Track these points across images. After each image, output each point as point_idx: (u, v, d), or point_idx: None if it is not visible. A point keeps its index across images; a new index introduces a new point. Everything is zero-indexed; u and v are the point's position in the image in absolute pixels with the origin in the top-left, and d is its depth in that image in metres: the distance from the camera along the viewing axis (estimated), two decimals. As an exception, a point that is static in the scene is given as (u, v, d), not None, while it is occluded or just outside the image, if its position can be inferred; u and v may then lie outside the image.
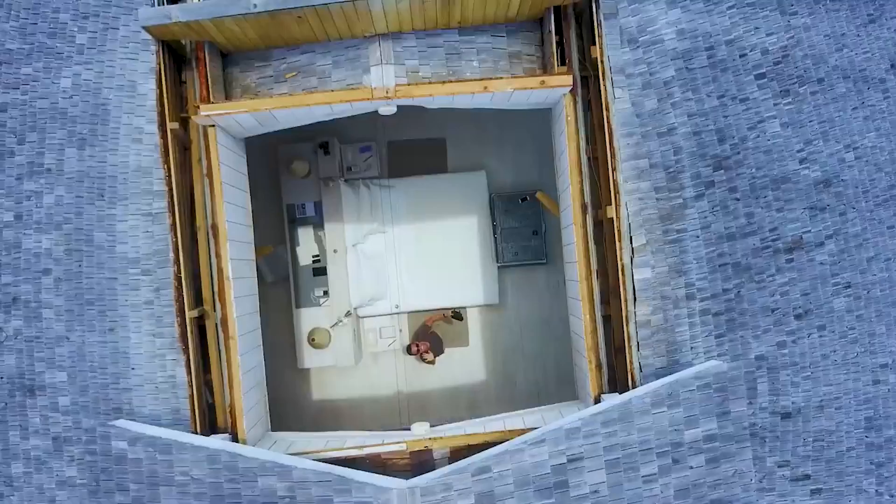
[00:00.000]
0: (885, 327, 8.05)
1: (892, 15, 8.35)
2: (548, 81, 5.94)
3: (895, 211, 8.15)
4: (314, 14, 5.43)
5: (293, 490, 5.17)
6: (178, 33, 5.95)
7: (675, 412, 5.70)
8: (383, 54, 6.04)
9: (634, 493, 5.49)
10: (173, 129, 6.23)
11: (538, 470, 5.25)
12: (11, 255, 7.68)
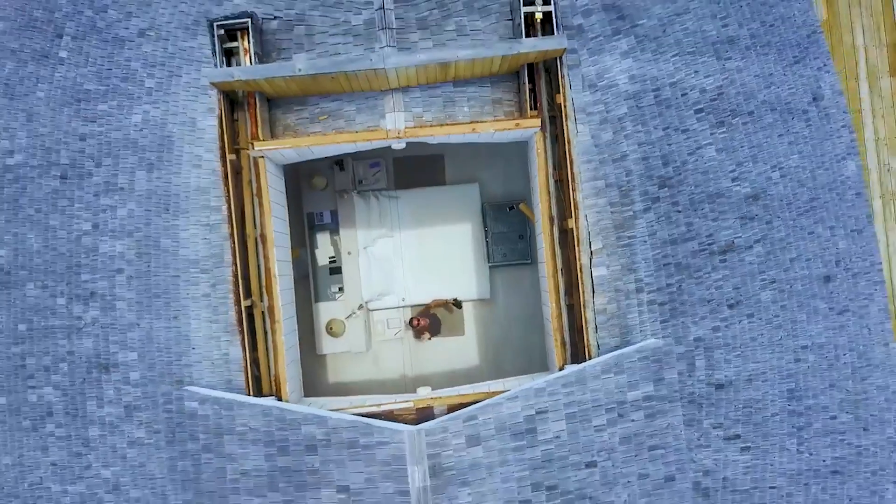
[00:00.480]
0: (805, 316, 9.88)
1: (814, 56, 10.19)
2: (521, 124, 7.77)
3: (815, 219, 9.99)
4: (344, 76, 7.24)
5: (328, 435, 6.96)
6: (236, 86, 7.75)
7: (620, 377, 7.50)
8: (395, 104, 7.87)
9: (588, 438, 7.29)
10: (231, 159, 8.05)
11: (513, 419, 7.05)
12: (90, 257, 9.53)
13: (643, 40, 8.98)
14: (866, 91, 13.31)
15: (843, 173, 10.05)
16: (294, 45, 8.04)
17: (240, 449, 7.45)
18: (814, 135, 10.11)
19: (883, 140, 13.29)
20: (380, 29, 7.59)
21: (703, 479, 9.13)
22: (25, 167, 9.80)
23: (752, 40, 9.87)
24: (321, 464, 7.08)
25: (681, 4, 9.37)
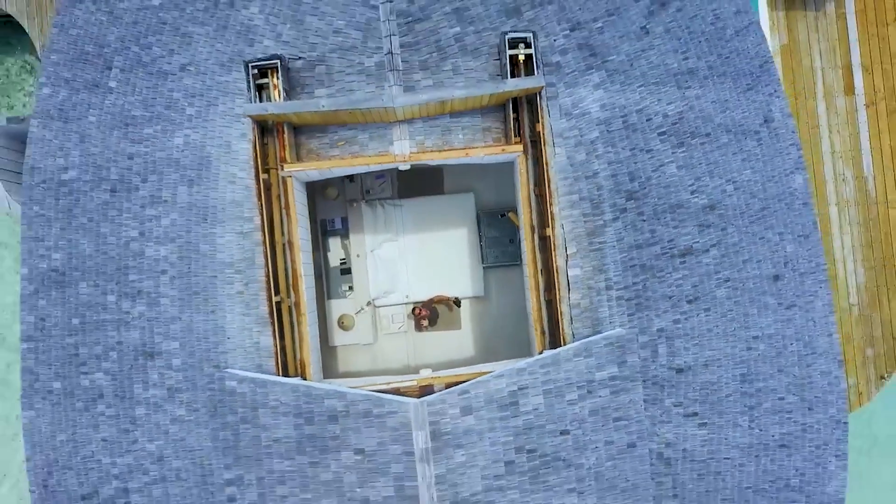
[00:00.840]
0: (756, 310, 11.48)
1: (765, 83, 11.78)
2: (507, 149, 9.36)
3: (765, 226, 11.60)
4: (359, 111, 8.83)
5: (347, 407, 8.53)
6: (268, 118, 9.33)
7: (589, 360, 9.08)
8: (401, 133, 9.46)
9: (562, 411, 8.86)
10: (263, 178, 9.65)
11: (499, 394, 8.61)
12: (137, 260, 11.14)
13: (613, 74, 10.60)
14: (823, 109, 14.90)
15: (791, 186, 11.66)
16: (315, 82, 9.64)
17: (272, 420, 9.04)
18: (765, 152, 11.72)
19: (838, 153, 14.89)
20: (388, 70, 9.23)
21: (665, 450, 10.75)
22: (79, 182, 11.40)
23: (710, 71, 11.48)
24: (341, 431, 8.66)
25: (646, 41, 10.99)
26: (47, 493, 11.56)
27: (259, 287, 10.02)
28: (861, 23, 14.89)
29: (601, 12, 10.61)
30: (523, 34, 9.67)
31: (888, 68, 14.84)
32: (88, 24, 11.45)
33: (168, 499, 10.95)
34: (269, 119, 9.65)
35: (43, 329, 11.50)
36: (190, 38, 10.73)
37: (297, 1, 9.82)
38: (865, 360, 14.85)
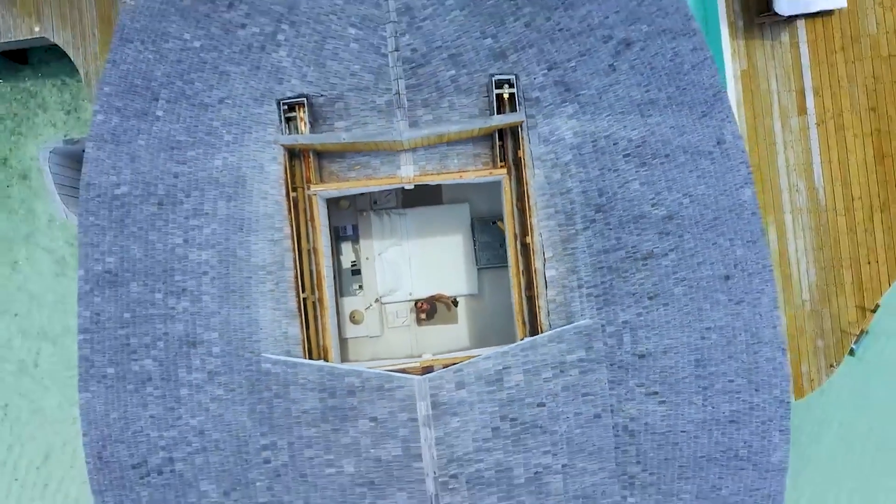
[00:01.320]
0: (709, 305, 13.62)
1: (718, 111, 13.90)
2: (493, 172, 11.49)
3: (717, 233, 13.73)
4: (372, 142, 10.96)
5: (363, 383, 10.64)
6: (296, 146, 11.45)
7: (561, 345, 11.20)
8: (407, 159, 11.61)
9: (538, 386, 10.97)
10: (293, 196, 11.79)
11: (487, 372, 10.70)
12: (181, 263, 13.28)
13: (584, 105, 12.76)
14: (779, 127, 17.05)
15: (741, 198, 13.82)
16: (335, 116, 11.77)
17: (301, 395, 11.15)
18: (717, 170, 13.88)
19: (792, 166, 17.04)
20: (396, 107, 11.39)
21: (630, 423, 12.91)
22: (130, 196, 13.56)
23: (669, 100, 13.63)
24: (358, 402, 10.76)
25: (613, 77, 13.15)
26: (101, 464, 13.70)
27: (288, 286, 12.18)
28: (812, 51, 17.04)
29: (574, 53, 12.78)
30: (507, 76, 11.84)
31: (836, 91, 16.99)
32: (138, 61, 13.61)
33: (208, 466, 13.13)
34: (297, 147, 11.79)
35: (97, 322, 13.64)
36: (227, 76, 12.90)
37: (319, 47, 11.99)
38: (816, 350, 17.00)
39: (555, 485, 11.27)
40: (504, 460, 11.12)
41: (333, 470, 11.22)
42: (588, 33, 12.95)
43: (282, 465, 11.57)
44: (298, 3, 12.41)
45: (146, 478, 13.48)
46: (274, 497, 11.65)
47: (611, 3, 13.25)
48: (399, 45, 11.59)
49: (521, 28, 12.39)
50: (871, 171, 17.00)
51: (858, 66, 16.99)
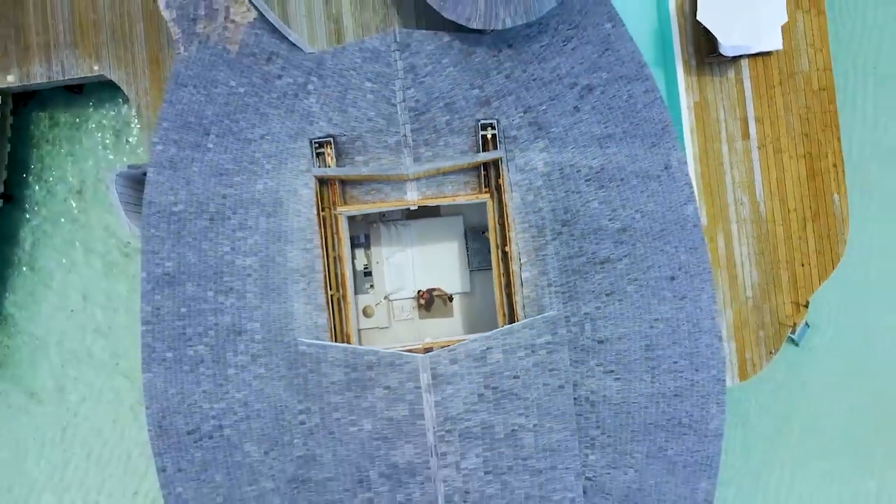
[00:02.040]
0: (657, 301, 17.25)
1: (666, 141, 17.51)
2: (479, 196, 15.09)
3: (664, 242, 17.33)
4: (385, 174, 14.60)
5: (379, 360, 14.24)
6: (325, 177, 15.04)
7: (532, 331, 14.84)
8: (412, 186, 15.23)
9: (514, 363, 14.61)
10: (324, 215, 15.42)
11: (474, 351, 14.35)
12: (229, 267, 16.90)
13: (553, 140, 16.40)
14: (726, 150, 20.64)
15: (684, 213, 17.43)
16: (355, 152, 15.35)
17: (329, 370, 14.75)
18: (664, 190, 17.50)
19: (737, 183, 20.62)
20: (404, 146, 15.00)
21: (591, 395, 16.52)
22: (185, 213, 17.17)
23: (624, 134, 17.24)
24: (374, 375, 14.33)
25: (577, 116, 16.76)
26: (161, 431, 17.29)
27: (318, 285, 15.80)
28: (754, 85, 20.64)
29: (545, 98, 16.41)
30: (490, 120, 15.48)
31: (774, 119, 20.59)
32: (191, 102, 17.24)
33: (251, 431, 16.74)
34: (326, 177, 15.39)
35: (158, 315, 17.24)
36: (267, 117, 16.54)
37: (341, 97, 15.62)
38: (758, 340, 20.59)
39: (527, 440, 14.89)
40: (487, 419, 14.73)
41: (355, 428, 14.85)
42: (557, 81, 16.58)
43: (314, 426, 15.18)
44: (325, 60, 16.06)
45: (199, 441, 17.07)
46: (308, 451, 15.28)
47: (576, 55, 16.89)
48: (405, 97, 15.22)
49: (503, 80, 16.04)
50: (804, 187, 20.62)
51: (793, 98, 20.61)
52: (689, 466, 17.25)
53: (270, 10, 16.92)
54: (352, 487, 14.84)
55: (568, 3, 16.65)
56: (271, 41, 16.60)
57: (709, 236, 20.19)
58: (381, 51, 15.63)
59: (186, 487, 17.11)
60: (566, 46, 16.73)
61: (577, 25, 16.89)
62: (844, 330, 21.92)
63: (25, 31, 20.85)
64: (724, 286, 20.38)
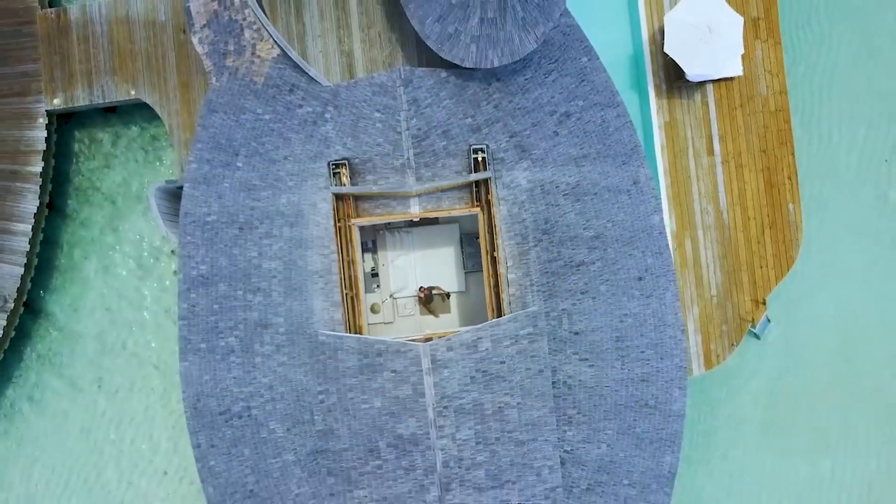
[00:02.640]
0: (626, 298, 20.46)
1: (635, 160, 20.68)
2: (471, 209, 18.29)
3: (633, 248, 20.51)
4: (392, 192, 17.86)
5: (387, 348, 17.43)
6: (341, 193, 18.30)
7: (516, 324, 18.07)
8: (414, 202, 18.45)
9: (500, 350, 17.81)
10: (339, 226, 18.66)
11: (467, 341, 17.56)
12: (256, 270, 20.14)
13: (535, 161, 19.65)
14: (693, 164, 23.84)
15: (650, 222, 20.62)
16: (366, 172, 18.56)
17: (345, 357, 17.97)
18: (632, 202, 20.71)
19: (703, 194, 23.83)
20: (407, 168, 18.26)
21: (568, 379, 19.77)
22: (218, 222, 20.40)
23: (598, 154, 20.46)
24: (383, 360, 17.58)
25: (556, 140, 20.00)
26: (196, 412, 20.48)
27: (334, 285, 19.01)
28: (718, 107, 23.86)
29: (528, 124, 19.65)
30: (481, 145, 18.72)
31: (736, 137, 23.80)
32: (222, 126, 20.47)
33: (275, 411, 19.96)
34: (341, 193, 18.67)
35: (193, 312, 20.46)
36: (289, 140, 19.78)
37: (354, 125, 18.84)
38: (721, 333, 23.81)
39: (512, 415, 18.13)
40: (478, 398, 17.96)
41: (367, 405, 18.08)
42: (539, 109, 19.83)
43: (332, 404, 18.41)
44: (339, 92, 19.31)
45: (229, 421, 20.29)
46: (326, 426, 18.53)
47: (556, 86, 20.12)
48: (409, 126, 18.48)
49: (491, 109, 19.30)
50: (763, 197, 23.84)
51: (753, 118, 23.85)
52: (655, 442, 20.41)
53: (291, 48, 20.17)
54: (364, 456, 18.09)
55: (549, 41, 19.87)
56: (293, 75, 19.85)
57: (678, 241, 23.41)
58: (387, 85, 18.91)
59: (218, 461, 20.29)
60: (547, 79, 19.98)
61: (557, 60, 20.12)
62: (800, 324, 25.14)
63: (70, 59, 24.10)
64: (692, 286, 23.60)
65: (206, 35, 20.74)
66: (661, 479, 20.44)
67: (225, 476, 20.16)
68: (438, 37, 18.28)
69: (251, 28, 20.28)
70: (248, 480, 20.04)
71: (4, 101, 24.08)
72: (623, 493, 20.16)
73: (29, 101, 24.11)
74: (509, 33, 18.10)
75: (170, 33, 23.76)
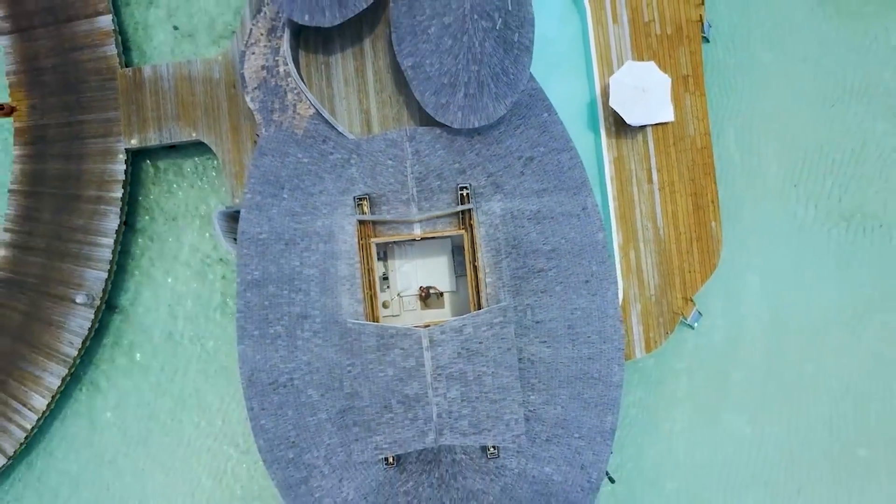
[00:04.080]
0: (576, 296, 29.23)
1: (583, 191, 29.44)
2: (459, 231, 26.93)
3: (582, 258, 29.22)
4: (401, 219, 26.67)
5: (398, 333, 26.06)
6: (363, 220, 27.02)
7: (491, 314, 26.76)
8: (417, 226, 27.08)
9: (480, 334, 26.46)
10: (362, 243, 27.32)
11: (455, 327, 26.23)
12: (298, 275, 28.93)
13: (506, 195, 28.46)
14: (636, 191, 32.52)
15: (596, 239, 29.38)
16: (382, 203, 27.20)
17: (366, 339, 26.61)
18: (582, 224, 29.46)
19: (644, 215, 32.50)
20: (412, 201, 27.02)
21: (531, 357, 28.54)
22: (268, 240, 29.17)
23: (555, 188, 29.21)
24: (394, 341, 26.09)
25: (522, 178, 28.77)
26: (250, 384, 29.22)
27: (357, 287, 27.80)
28: (656, 145, 32.56)
29: (501, 167, 28.45)
30: (465, 184, 27.50)
31: (670, 169, 32.49)
32: (271, 166, 29.27)
33: (312, 381, 28.71)
34: (364, 220, 27.50)
35: (248, 307, 29.21)
36: (323, 179, 28.62)
37: (372, 169, 27.65)
38: (658, 324, 32.54)
39: (488, 381, 26.88)
40: (463, 368, 26.71)
41: (382, 374, 26.85)
42: (509, 155, 28.61)
43: (356, 373, 27.17)
44: (361, 144, 28.13)
45: (276, 389, 29.09)
46: (353, 389, 27.30)
47: (523, 136, 28.87)
48: (413, 171, 27.28)
49: (474, 156, 28.10)
50: (691, 217, 32.54)
51: (683, 154, 32.57)
52: (599, 406, 29.13)
53: (323, 108, 28.95)
54: (380, 411, 26.85)
55: (517, 102, 28.62)
56: (325, 129, 28.62)
57: (623, 252, 32.13)
58: (397, 140, 27.68)
59: (267, 420, 29.03)
60: (516, 131, 28.75)
61: (524, 116, 28.85)
62: (725, 316, 33.87)
63: (143, 108, 32.86)
64: (635, 287, 32.32)
65: (257, 95, 29.50)
66: (604, 433, 29.13)
67: (273, 431, 28.87)
68: (434, 106, 27.05)
69: (292, 91, 29.04)
70: (291, 434, 28.75)
71: (92, 141, 32.84)
72: (574, 444, 28.88)
73: (111, 141, 32.85)
74: (486, 104, 26.86)
75: (223, 88, 32.48)
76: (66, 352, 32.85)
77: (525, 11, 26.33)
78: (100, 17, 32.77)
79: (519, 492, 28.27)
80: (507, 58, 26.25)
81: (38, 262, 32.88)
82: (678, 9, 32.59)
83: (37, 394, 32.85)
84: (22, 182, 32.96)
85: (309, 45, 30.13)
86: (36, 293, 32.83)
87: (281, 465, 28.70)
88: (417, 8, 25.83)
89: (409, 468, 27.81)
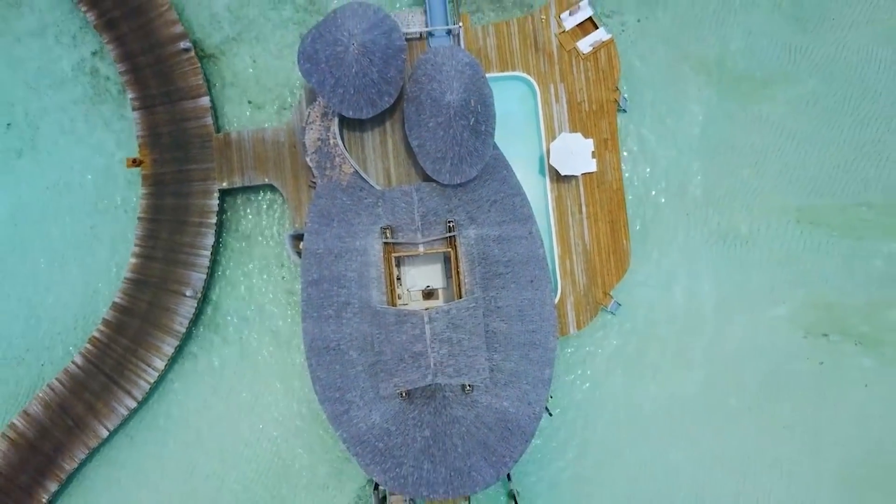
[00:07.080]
0: (524, 291, 52.57)
1: (530, 222, 53.06)
2: (448, 249, 50.24)
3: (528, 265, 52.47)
4: (411, 241, 50.16)
5: (409, 314, 49.24)
6: (386, 242, 50.27)
7: (467, 303, 49.99)
8: (421, 245, 50.24)
9: (461, 315, 49.61)
10: (385, 257, 50.49)
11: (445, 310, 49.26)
12: (344, 276, 52.39)
13: (479, 225, 51.75)
14: (572, 221, 55.59)
15: (538, 254, 52.80)
16: (399, 231, 50.26)
17: (388, 317, 49.39)
18: (528, 244, 52.52)
19: (576, 236, 55.68)
20: (417, 230, 49.93)
21: (494, 329, 51.91)
22: (323, 253, 52.12)
23: (510, 220, 52.32)
24: (406, 318, 48.90)
25: (489, 213, 52.22)
26: (311, 349, 52.24)
27: (382, 285, 50.96)
28: (585, 187, 55.58)
29: (475, 207, 51.83)
30: (452, 219, 51.01)
31: (595, 205, 55.61)
32: (324, 206, 52.71)
33: (353, 345, 51.86)
34: (387, 242, 50.80)
35: (309, 298, 52.53)
36: (360, 214, 52.06)
37: (393, 210, 50.86)
38: (585, 310, 55.77)
39: (466, 344, 49.92)
40: (450, 335, 49.44)
41: (398, 339, 49.65)
42: (481, 199, 52.07)
43: (382, 339, 49.80)
44: (384, 193, 51.58)
45: (328, 352, 52.51)
46: (379, 349, 50.59)
47: (488, 186, 51.99)
48: (418, 211, 50.72)
49: (457, 201, 51.60)
50: (609, 237, 55.89)
51: (605, 195, 55.93)
52: (540, 363, 52.39)
53: (360, 168, 52.61)
54: (398, 363, 50.12)
55: (487, 165, 52.23)
56: (360, 181, 52.24)
57: (561, 261, 55.55)
58: (408, 191, 50.66)
59: (321, 373, 52.16)
60: (485, 183, 52.54)
61: (491, 173, 52.21)
62: (635, 305, 57.30)
63: (230, 160, 56.25)
64: (570, 285, 55.82)
65: (314, 157, 53.16)
66: (544, 381, 52.44)
67: (325, 380, 52.29)
68: (432, 170, 50.25)
69: (339, 156, 52.65)
70: (337, 381, 52.17)
71: (196, 184, 56.18)
72: (523, 388, 52.27)
73: (208, 183, 56.17)
74: (464, 169, 50.09)
75: (286, 147, 55.89)
76: (176, 329, 56.27)
77: (489, 111, 49.81)
78: (201, 97, 56.10)
79: (486, 418, 51.86)
80: (477, 140, 49.79)
81: (159, 267, 56.29)
82: (600, 93, 56.01)
83: (157, 357, 56.35)
84: (147, 212, 56.39)
85: (349, 125, 53.81)
86: (157, 289, 56.28)
87: (330, 402, 52.11)
88: (421, 110, 49.43)
89: (416, 401, 51.37)
